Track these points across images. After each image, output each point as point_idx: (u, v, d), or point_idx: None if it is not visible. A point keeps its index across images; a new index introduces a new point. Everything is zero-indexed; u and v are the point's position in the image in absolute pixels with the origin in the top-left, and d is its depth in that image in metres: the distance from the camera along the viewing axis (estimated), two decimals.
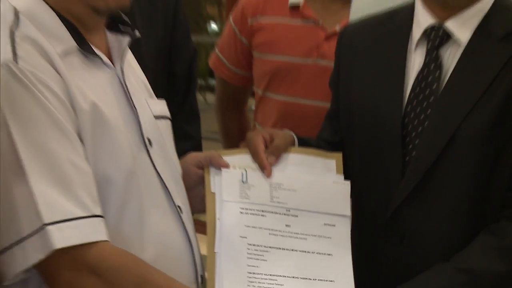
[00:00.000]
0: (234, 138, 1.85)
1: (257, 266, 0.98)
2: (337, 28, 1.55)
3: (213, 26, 4.17)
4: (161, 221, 0.96)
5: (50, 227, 0.81)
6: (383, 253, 1.08)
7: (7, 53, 0.85)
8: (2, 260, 0.85)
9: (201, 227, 1.06)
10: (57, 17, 0.92)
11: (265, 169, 1.04)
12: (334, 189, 1.07)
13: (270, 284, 0.97)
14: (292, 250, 1.02)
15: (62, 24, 0.92)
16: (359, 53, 1.16)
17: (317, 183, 1.07)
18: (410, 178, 1.04)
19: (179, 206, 0.99)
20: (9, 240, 0.83)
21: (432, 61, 1.06)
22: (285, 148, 1.09)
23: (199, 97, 4.01)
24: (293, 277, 0.99)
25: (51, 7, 0.92)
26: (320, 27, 1.59)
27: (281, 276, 0.98)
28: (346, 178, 1.08)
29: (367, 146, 1.12)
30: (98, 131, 0.91)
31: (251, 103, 1.93)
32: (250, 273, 0.97)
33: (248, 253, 0.99)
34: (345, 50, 1.20)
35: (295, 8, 1.62)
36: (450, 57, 1.06)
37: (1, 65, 0.84)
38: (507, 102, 1.01)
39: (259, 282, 0.97)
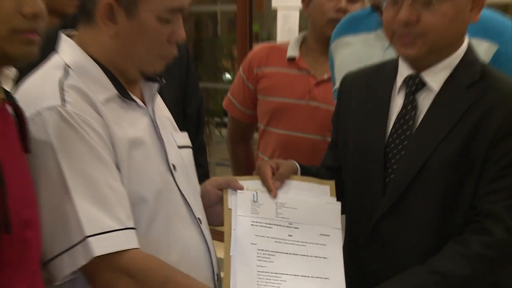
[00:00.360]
0: (242, 164, 2.10)
1: (265, 266, 1.10)
2: (325, 76, 1.77)
3: (227, 76, 4.63)
4: (184, 230, 1.08)
5: (90, 239, 0.92)
6: (368, 256, 1.20)
7: (56, 99, 0.96)
8: (53, 265, 0.96)
9: (217, 235, 1.18)
10: (101, 70, 1.05)
11: (272, 192, 1.19)
12: (328, 208, 1.20)
13: (275, 280, 1.08)
14: (293, 254, 1.13)
15: (106, 77, 1.05)
16: (355, 96, 1.29)
17: (314, 203, 1.21)
18: (389, 196, 1.15)
19: (198, 218, 1.11)
20: (59, 249, 0.95)
21: (410, 103, 1.18)
22: (288, 175, 1.22)
23: (216, 131, 4.37)
24: (294, 275, 1.10)
25: (96, 61, 1.05)
26: (312, 76, 1.81)
27: (284, 274, 1.09)
28: (341, 197, 1.22)
29: (357, 170, 1.24)
30: (133, 160, 1.02)
31: (255, 135, 2.14)
32: (259, 272, 1.08)
33: (257, 256, 1.11)
34: (344, 94, 1.34)
35: (291, 60, 1.85)
36: (424, 101, 1.17)
37: (51, 109, 0.95)
38: (469, 138, 1.11)
39: (266, 279, 1.08)
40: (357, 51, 1.61)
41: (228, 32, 4.86)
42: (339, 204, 1.20)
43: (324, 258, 1.14)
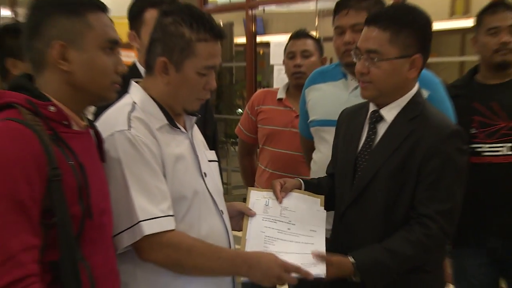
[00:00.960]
0: (247, 171, 2.52)
1: (269, 248, 1.35)
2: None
3: (240, 110, 5.53)
4: (210, 217, 1.33)
5: (142, 223, 1.17)
6: (339, 235, 1.49)
7: (125, 126, 1.21)
8: (116, 239, 1.20)
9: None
10: (157, 107, 1.29)
11: (278, 199, 1.45)
12: (317, 214, 1.47)
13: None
14: (290, 241, 1.39)
15: (160, 111, 1.29)
16: (343, 126, 1.56)
17: (308, 209, 1.47)
18: (353, 192, 1.43)
19: (221, 210, 1.37)
20: (121, 228, 1.19)
21: (371, 130, 1.45)
22: (291, 189, 1.48)
23: (232, 148, 5.26)
24: (290, 252, 1.35)
25: (154, 100, 1.29)
26: (293, 111, 2.20)
27: (283, 252, 1.33)
28: (329, 207, 1.49)
29: (339, 175, 1.52)
30: (177, 169, 1.26)
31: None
32: (265, 250, 1.34)
33: (264, 241, 1.37)
34: (339, 124, 1.61)
35: (280, 100, 2.27)
36: (381, 129, 1.43)
37: (121, 132, 1.20)
38: (407, 156, 1.36)
39: None
40: (326, 93, 1.90)
41: (240, 81, 6.02)
42: (325, 212, 1.47)
43: (312, 244, 1.39)
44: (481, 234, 2.01)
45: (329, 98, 1.87)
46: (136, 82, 1.32)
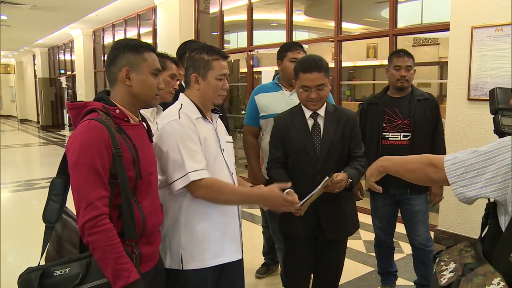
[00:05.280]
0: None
1: None
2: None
3: (243, 112, 7.34)
4: (224, 174, 1.88)
5: (189, 173, 1.70)
6: (316, 181, 2.08)
7: (176, 117, 1.74)
8: (173, 185, 1.70)
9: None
10: (194, 106, 1.82)
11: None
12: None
13: None
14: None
15: (196, 108, 1.82)
16: (284, 124, 2.28)
17: None
18: (321, 155, 2.18)
19: (232, 172, 1.93)
20: (176, 177, 1.72)
21: (315, 123, 2.23)
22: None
23: (238, 135, 7.55)
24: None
25: (192, 102, 1.82)
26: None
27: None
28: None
29: (297, 151, 2.21)
30: (205, 145, 1.79)
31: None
32: None
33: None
34: (279, 122, 2.32)
35: None
36: (320, 120, 2.22)
37: (175, 120, 1.72)
38: (343, 130, 2.21)
39: None
40: (270, 98, 2.86)
41: (243, 94, 8.36)
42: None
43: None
44: (387, 185, 2.77)
45: (276, 101, 2.82)
46: (182, 93, 1.93)
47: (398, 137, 2.89)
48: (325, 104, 2.26)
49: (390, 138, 2.91)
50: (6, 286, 3.59)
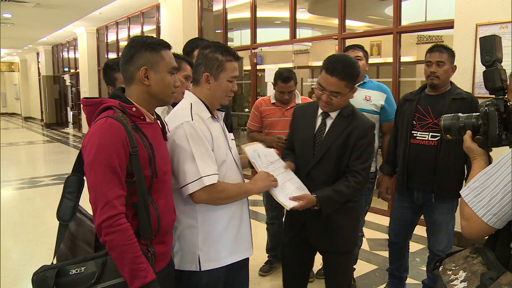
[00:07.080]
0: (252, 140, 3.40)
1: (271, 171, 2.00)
2: (289, 107, 3.27)
3: (246, 109, 7.54)
4: (232, 171, 1.88)
5: (203, 178, 1.68)
6: (306, 184, 2.09)
7: (189, 118, 1.69)
8: (186, 187, 1.69)
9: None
10: (203, 105, 1.78)
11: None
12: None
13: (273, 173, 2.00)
14: (285, 178, 2.06)
15: (206, 108, 1.78)
16: (300, 115, 2.24)
17: (279, 161, 2.15)
18: (315, 158, 2.09)
19: (240, 169, 1.95)
20: (190, 180, 1.69)
21: (323, 122, 2.13)
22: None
23: (241, 133, 7.41)
24: (287, 182, 2.04)
25: (202, 101, 1.79)
26: (282, 108, 3.43)
27: (284, 182, 2.03)
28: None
29: (302, 147, 2.16)
30: (215, 144, 1.75)
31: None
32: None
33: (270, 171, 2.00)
34: (296, 114, 2.29)
35: (273, 103, 3.49)
36: (328, 122, 2.11)
37: (187, 122, 1.67)
38: (346, 138, 2.04)
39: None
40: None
41: (246, 91, 8.58)
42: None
43: (298, 182, 2.09)
44: (410, 187, 2.83)
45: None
46: (189, 90, 1.87)
47: (426, 137, 2.73)
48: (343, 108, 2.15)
49: (418, 137, 2.76)
50: (10, 283, 3.60)
